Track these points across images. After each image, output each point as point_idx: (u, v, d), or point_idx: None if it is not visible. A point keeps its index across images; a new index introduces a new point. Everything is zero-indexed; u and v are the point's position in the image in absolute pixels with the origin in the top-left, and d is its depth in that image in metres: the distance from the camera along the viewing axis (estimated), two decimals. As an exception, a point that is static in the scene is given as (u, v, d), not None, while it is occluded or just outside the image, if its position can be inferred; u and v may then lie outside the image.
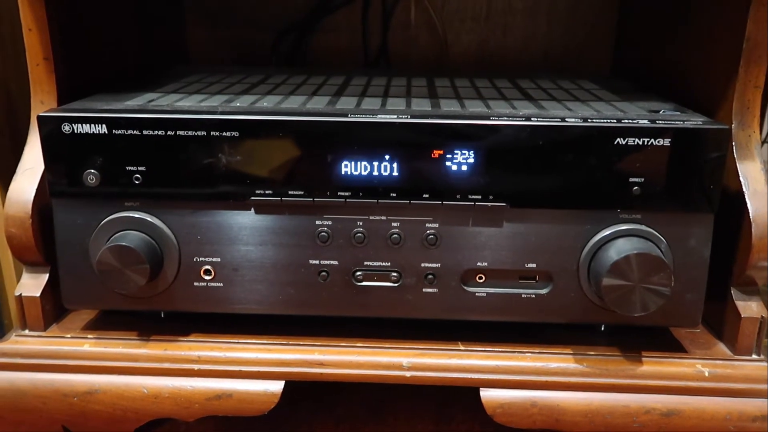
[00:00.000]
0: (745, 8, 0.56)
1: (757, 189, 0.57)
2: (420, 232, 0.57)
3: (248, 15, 0.96)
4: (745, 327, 0.59)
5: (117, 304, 0.60)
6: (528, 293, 0.59)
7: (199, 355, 0.59)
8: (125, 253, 0.55)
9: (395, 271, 0.59)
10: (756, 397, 0.58)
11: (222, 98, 0.63)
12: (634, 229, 0.56)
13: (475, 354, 0.59)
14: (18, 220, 0.59)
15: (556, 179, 0.55)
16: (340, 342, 0.61)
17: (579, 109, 0.60)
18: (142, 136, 0.55)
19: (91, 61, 0.68)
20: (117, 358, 0.60)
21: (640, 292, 0.54)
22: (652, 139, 0.54)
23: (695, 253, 0.56)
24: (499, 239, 0.57)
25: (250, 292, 0.59)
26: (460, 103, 0.63)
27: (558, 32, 0.95)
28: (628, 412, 0.58)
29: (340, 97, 0.65)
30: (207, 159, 0.56)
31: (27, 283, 0.61)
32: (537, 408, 0.58)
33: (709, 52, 0.64)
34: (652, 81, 0.76)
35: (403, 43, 0.97)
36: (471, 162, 0.55)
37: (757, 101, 0.58)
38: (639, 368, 0.58)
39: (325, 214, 0.57)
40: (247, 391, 0.59)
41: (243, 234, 0.58)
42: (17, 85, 0.80)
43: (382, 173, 0.56)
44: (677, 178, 0.55)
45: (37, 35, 0.59)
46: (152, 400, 0.59)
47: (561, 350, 0.60)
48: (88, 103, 0.59)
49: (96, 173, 0.56)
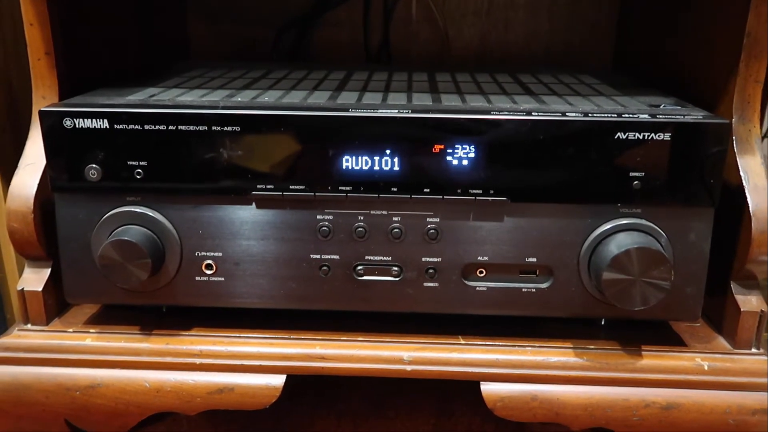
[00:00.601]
0: (745, 3, 0.56)
1: (757, 183, 0.57)
2: (421, 227, 0.58)
3: (250, 10, 0.96)
4: (745, 321, 0.59)
5: (119, 299, 0.60)
6: (528, 287, 0.59)
7: (201, 349, 0.60)
8: (127, 248, 0.55)
9: (396, 266, 0.59)
10: (755, 390, 0.58)
11: (223, 93, 0.63)
12: (635, 224, 0.56)
13: (475, 348, 0.60)
14: (20, 214, 0.59)
15: (556, 174, 0.56)
16: (341, 336, 0.61)
17: (580, 103, 0.60)
18: (144, 130, 0.55)
19: (93, 56, 0.68)
20: (119, 353, 0.60)
21: (640, 286, 0.54)
22: (653, 133, 0.54)
23: (695, 247, 0.57)
24: (500, 234, 0.58)
25: (251, 286, 0.60)
26: (461, 97, 0.63)
27: (559, 27, 0.95)
28: (628, 406, 0.58)
29: (341, 92, 0.65)
30: (208, 154, 0.56)
31: (29, 278, 0.61)
32: (537, 402, 0.58)
33: (709, 47, 0.64)
34: (653, 76, 0.76)
35: (405, 38, 0.97)
36: (472, 157, 0.55)
37: (758, 96, 0.58)
38: (639, 362, 0.58)
39: (327, 209, 0.58)
40: (249, 385, 0.59)
41: (244, 228, 0.58)
42: (19, 80, 0.80)
43: (383, 168, 0.56)
44: (677, 173, 0.55)
45: (39, 30, 0.59)
46: (154, 394, 0.59)
47: (561, 344, 0.60)
48: (89, 98, 0.60)
49: (98, 168, 0.56)
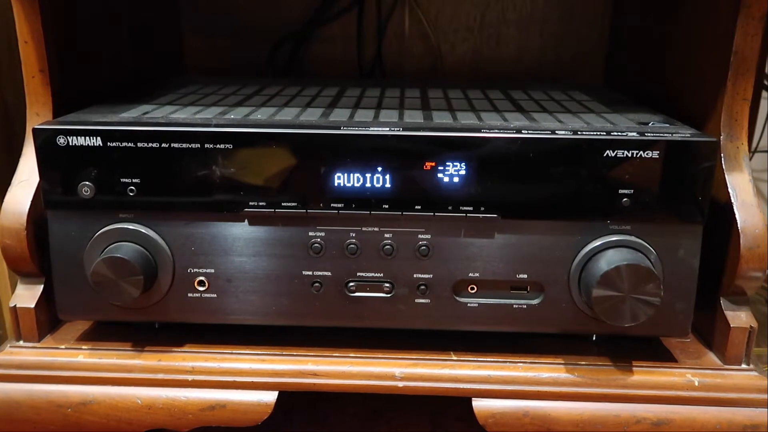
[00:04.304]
0: (732, 22, 0.57)
1: (745, 200, 0.58)
2: (412, 243, 0.58)
3: (245, 25, 0.97)
4: (735, 336, 0.59)
5: (111, 315, 0.60)
6: (519, 303, 0.59)
7: (193, 366, 0.60)
8: (119, 265, 0.56)
9: (388, 282, 0.59)
10: (746, 406, 0.58)
11: (216, 110, 0.63)
12: (624, 240, 0.56)
13: (467, 364, 0.60)
14: (13, 231, 0.59)
15: (546, 191, 0.56)
16: (333, 352, 0.61)
17: (570, 121, 0.61)
18: (137, 148, 0.56)
19: (87, 72, 0.69)
20: (111, 369, 0.60)
21: (630, 303, 0.54)
22: (641, 151, 0.55)
23: (685, 263, 0.57)
24: (491, 250, 0.58)
25: (243, 302, 0.60)
26: (453, 115, 0.63)
27: (551, 43, 0.96)
28: (619, 422, 0.58)
29: (333, 108, 0.65)
30: (201, 171, 0.56)
31: (22, 294, 0.62)
32: (529, 418, 0.58)
33: (697, 64, 0.65)
34: (643, 92, 0.77)
35: (398, 54, 0.97)
36: (463, 174, 0.56)
37: (745, 113, 0.59)
38: (630, 378, 0.59)
39: (318, 226, 0.58)
40: (241, 402, 0.59)
41: (237, 245, 0.58)
42: (14, 98, 0.81)
43: (375, 185, 0.56)
44: (666, 190, 0.55)
45: (33, 47, 0.59)
46: (146, 410, 0.59)
47: (552, 360, 0.60)
48: (83, 116, 0.60)
49: (90, 185, 0.56)
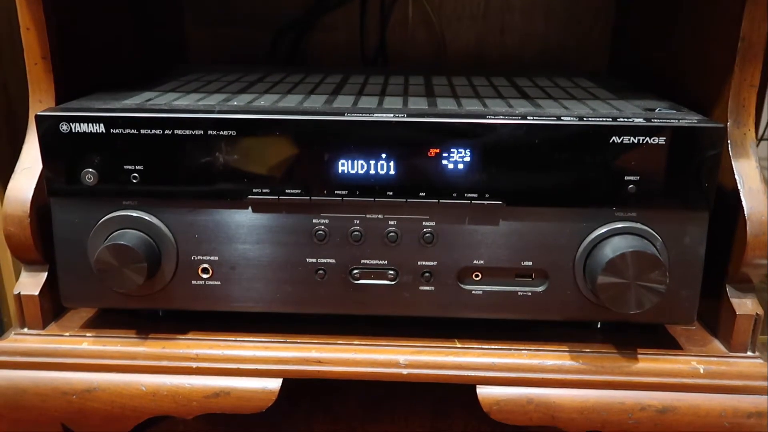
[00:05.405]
0: (740, 7, 0.56)
1: (752, 187, 0.58)
2: (417, 231, 0.58)
3: (247, 14, 0.96)
4: (740, 324, 0.59)
5: (115, 303, 0.60)
6: (524, 291, 0.59)
7: (197, 353, 0.60)
8: (123, 252, 0.56)
9: (392, 269, 0.59)
10: (751, 393, 0.58)
11: (220, 97, 0.63)
12: (630, 227, 0.56)
13: (471, 351, 0.60)
14: (16, 219, 0.59)
15: (552, 177, 0.56)
16: (338, 340, 0.61)
17: (575, 107, 0.60)
18: (140, 135, 0.55)
19: (90, 60, 0.68)
20: (115, 356, 0.60)
21: (635, 290, 0.54)
22: (648, 137, 0.54)
23: (690, 250, 0.57)
24: (496, 237, 0.58)
25: (247, 290, 0.60)
26: (457, 101, 0.63)
27: (556, 30, 0.95)
28: (624, 409, 0.58)
29: (337, 95, 0.65)
30: (204, 158, 0.56)
31: (26, 282, 0.62)
32: (533, 405, 0.58)
33: (704, 50, 0.64)
34: (649, 79, 0.76)
35: (401, 42, 0.97)
36: (467, 160, 0.55)
37: (752, 100, 0.58)
38: (634, 365, 0.58)
39: (322, 213, 0.58)
40: (245, 389, 0.59)
41: (240, 232, 0.58)
42: (16, 85, 0.80)
43: (379, 172, 0.56)
44: (672, 177, 0.55)
45: (35, 34, 0.59)
46: (151, 397, 0.59)
47: (557, 347, 0.60)
48: (85, 102, 0.60)
49: (94, 172, 0.56)
